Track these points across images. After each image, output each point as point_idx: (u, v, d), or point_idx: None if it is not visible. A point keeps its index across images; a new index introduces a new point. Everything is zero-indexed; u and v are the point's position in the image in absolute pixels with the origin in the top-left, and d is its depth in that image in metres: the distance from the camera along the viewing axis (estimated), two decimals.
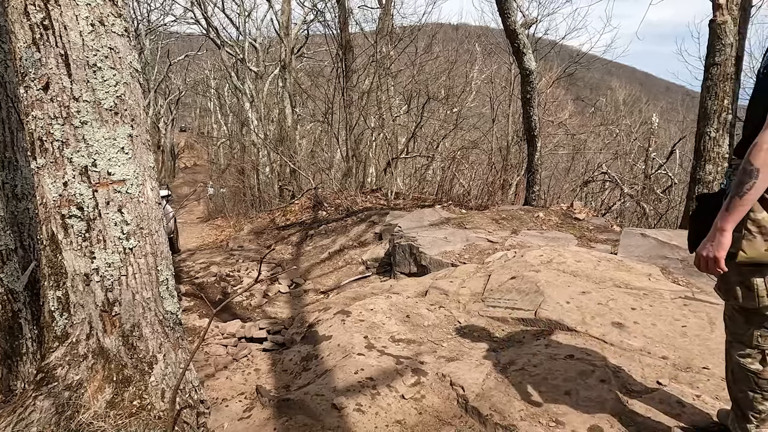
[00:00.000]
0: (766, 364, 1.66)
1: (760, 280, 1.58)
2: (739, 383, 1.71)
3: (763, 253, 1.52)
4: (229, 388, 3.08)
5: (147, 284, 1.65)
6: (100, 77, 1.52)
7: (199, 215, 21.05)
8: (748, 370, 1.67)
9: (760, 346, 1.66)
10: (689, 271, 3.74)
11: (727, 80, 5.63)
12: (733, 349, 1.74)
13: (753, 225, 1.52)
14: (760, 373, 1.66)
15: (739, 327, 1.70)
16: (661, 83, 48.89)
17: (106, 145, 1.55)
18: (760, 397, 1.67)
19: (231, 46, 18.08)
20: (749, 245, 1.53)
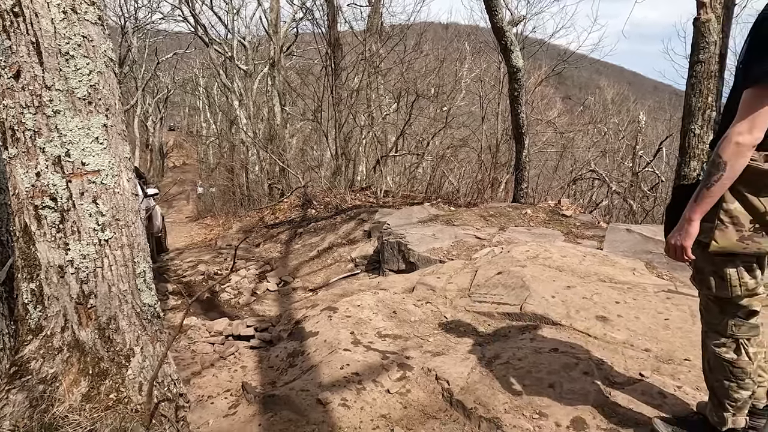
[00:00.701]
0: (740, 353, 1.68)
1: (733, 270, 1.61)
2: (715, 372, 1.73)
3: (735, 243, 1.55)
4: (216, 386, 3.06)
5: (123, 276, 1.63)
6: (72, 66, 1.50)
7: (189, 214, 20.93)
8: (723, 359, 1.70)
9: (734, 335, 1.68)
10: (673, 266, 3.77)
11: (711, 78, 5.69)
12: (708, 338, 1.76)
13: (725, 215, 1.54)
14: (735, 361, 1.68)
15: (713, 317, 1.73)
16: (649, 82, 49.39)
17: (79, 135, 1.53)
18: (736, 386, 1.68)
19: (219, 44, 17.97)
20: (721, 235, 1.55)
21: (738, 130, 1.45)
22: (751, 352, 1.68)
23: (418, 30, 14.07)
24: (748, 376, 1.67)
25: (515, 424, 2.12)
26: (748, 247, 1.54)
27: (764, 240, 1.53)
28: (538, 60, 14.55)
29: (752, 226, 1.52)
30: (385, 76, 12.98)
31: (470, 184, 9.53)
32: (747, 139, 1.44)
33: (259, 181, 15.23)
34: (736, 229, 1.53)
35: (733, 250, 1.56)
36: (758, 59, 1.45)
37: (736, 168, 1.47)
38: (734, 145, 1.45)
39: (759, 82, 1.44)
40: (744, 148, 1.45)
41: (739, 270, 1.61)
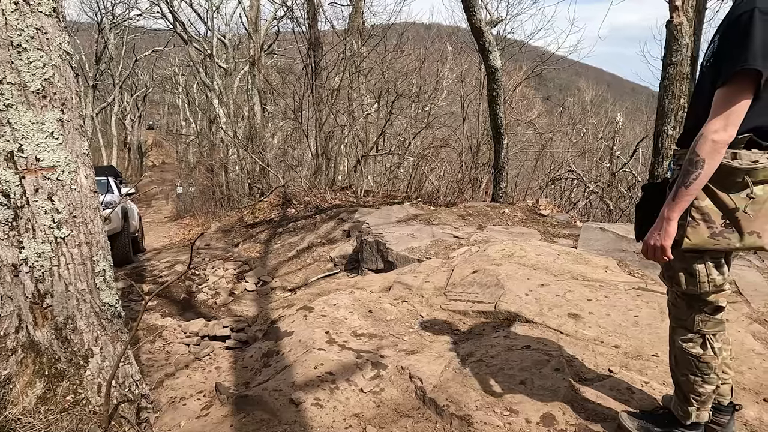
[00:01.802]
0: (706, 348, 1.70)
1: (701, 266, 1.63)
2: (681, 367, 1.76)
3: (707, 240, 1.56)
4: (189, 387, 3.01)
5: (81, 275, 1.58)
6: (25, 58, 1.45)
7: (168, 214, 20.65)
8: (690, 354, 1.72)
9: (701, 331, 1.70)
10: (644, 263, 3.83)
11: (684, 79, 5.80)
12: (676, 334, 1.78)
13: (697, 212, 1.56)
14: (701, 356, 1.70)
15: (681, 312, 1.75)
16: (627, 84, 50.32)
17: (33, 130, 1.48)
18: (701, 380, 1.71)
19: (199, 41, 17.77)
20: (693, 232, 1.57)
21: (713, 128, 1.47)
22: (716, 347, 1.71)
23: (399, 30, 14.11)
24: (713, 370, 1.70)
25: (486, 421, 2.12)
26: (719, 243, 1.56)
27: (733, 236, 1.55)
28: (518, 61, 14.68)
29: (723, 222, 1.55)
30: (366, 75, 12.96)
31: (450, 184, 9.56)
32: (722, 137, 1.46)
33: (239, 180, 15.09)
34: (707, 226, 1.56)
35: (704, 246, 1.58)
36: (728, 58, 1.47)
37: (713, 165, 1.49)
38: (711, 143, 1.47)
39: (730, 81, 1.46)
40: (720, 146, 1.47)
41: (708, 266, 1.63)
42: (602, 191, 10.00)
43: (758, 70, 1.42)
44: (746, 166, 1.50)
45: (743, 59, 1.42)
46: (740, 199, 1.52)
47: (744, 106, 1.46)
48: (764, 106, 1.52)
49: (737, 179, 1.51)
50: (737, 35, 1.46)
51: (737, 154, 1.51)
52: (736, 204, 1.52)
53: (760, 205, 1.52)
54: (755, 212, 1.52)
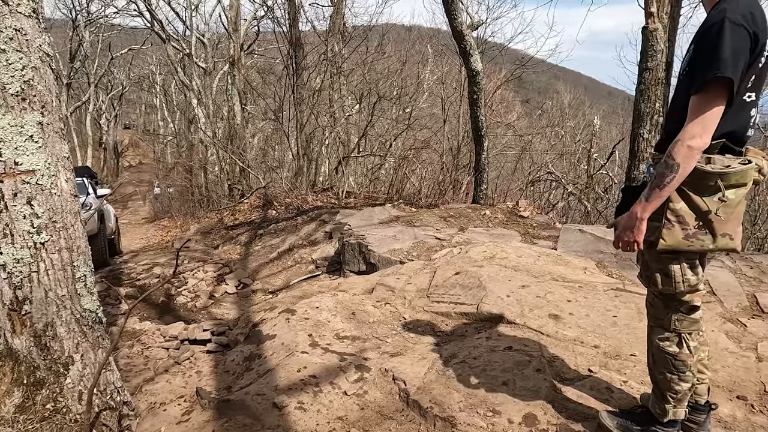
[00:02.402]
0: (683, 346, 1.75)
1: (677, 267, 1.69)
2: (659, 365, 1.81)
3: (681, 241, 1.62)
4: (169, 392, 2.96)
5: (62, 281, 1.55)
6: (4, 60, 1.41)
7: (145, 215, 20.29)
8: (666, 352, 1.77)
9: (677, 330, 1.75)
10: (622, 265, 3.92)
11: (659, 84, 5.95)
12: (653, 333, 1.83)
13: (672, 214, 1.61)
14: (677, 354, 1.75)
15: (659, 312, 1.80)
16: (604, 88, 51.29)
17: (12, 133, 1.44)
18: (677, 378, 1.76)
19: (177, 40, 17.51)
20: (669, 234, 1.62)
21: (689, 134, 1.53)
22: (692, 346, 1.75)
23: (381, 31, 14.14)
24: (689, 368, 1.75)
25: (469, 422, 2.14)
26: (693, 244, 1.62)
27: (707, 237, 1.60)
28: (498, 64, 14.83)
29: (696, 224, 1.60)
30: (347, 76, 12.95)
31: (432, 186, 9.62)
32: (698, 143, 1.52)
33: (219, 181, 14.90)
34: (681, 228, 1.61)
35: (679, 247, 1.63)
36: (701, 67, 1.52)
37: (687, 170, 1.55)
38: (686, 148, 1.53)
39: (704, 89, 1.52)
40: (695, 151, 1.53)
41: (683, 267, 1.68)
42: (580, 193, 10.18)
43: (729, 78, 1.48)
44: (719, 171, 1.56)
45: (715, 67, 1.48)
46: (713, 202, 1.58)
47: (717, 113, 1.52)
48: (735, 113, 1.58)
49: (710, 183, 1.57)
50: (709, 45, 1.52)
51: (711, 159, 1.58)
52: (708, 207, 1.58)
53: (732, 208, 1.58)
54: (727, 215, 1.58)
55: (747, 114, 1.62)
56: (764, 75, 1.60)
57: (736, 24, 1.49)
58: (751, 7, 1.53)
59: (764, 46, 1.55)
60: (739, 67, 1.49)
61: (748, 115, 1.63)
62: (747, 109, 1.61)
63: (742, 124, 1.62)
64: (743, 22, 1.49)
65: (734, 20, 1.49)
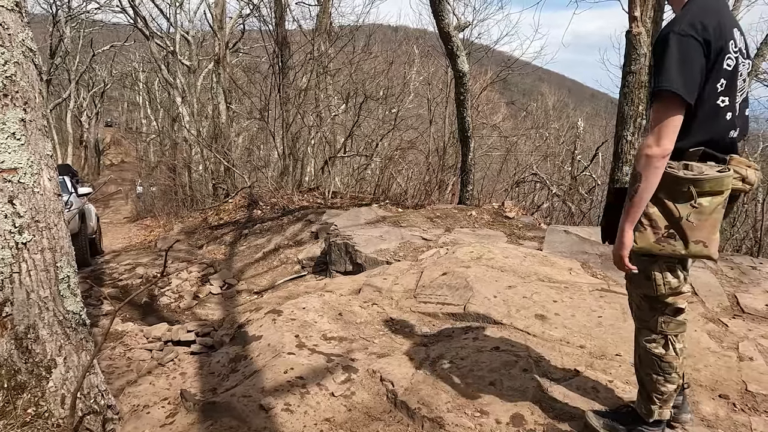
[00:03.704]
0: (669, 348, 1.78)
1: (657, 270, 1.72)
2: (645, 366, 1.84)
3: (652, 244, 1.65)
4: (152, 394, 2.92)
5: (44, 282, 1.51)
6: None
7: (127, 215, 19.98)
8: (653, 354, 1.80)
9: (664, 332, 1.78)
10: (606, 265, 3.96)
11: (642, 87, 6.03)
12: (640, 335, 1.86)
13: (645, 218, 1.65)
14: (663, 356, 1.78)
15: (645, 314, 1.83)
16: (588, 90, 51.98)
17: None
18: (663, 379, 1.79)
19: (161, 38, 17.26)
20: (640, 236, 1.66)
21: (647, 143, 1.56)
22: (678, 347, 1.78)
23: (367, 31, 14.12)
24: (675, 370, 1.78)
25: (457, 422, 2.15)
26: (664, 248, 1.65)
27: (678, 243, 1.63)
28: (483, 65, 14.91)
29: (666, 232, 1.63)
30: (333, 76, 12.91)
31: (418, 186, 9.63)
32: (655, 151, 1.55)
33: (203, 180, 14.73)
34: (653, 231, 1.64)
35: (651, 250, 1.66)
36: (656, 76, 1.56)
37: (651, 179, 1.58)
38: (645, 158, 1.57)
39: (655, 100, 1.56)
40: (653, 159, 1.55)
41: (662, 270, 1.72)
42: (564, 194, 10.29)
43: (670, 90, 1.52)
44: (691, 177, 1.59)
45: (661, 80, 1.53)
46: (685, 208, 1.61)
47: (673, 122, 1.54)
48: (710, 119, 1.62)
49: (683, 189, 1.60)
50: (657, 57, 1.57)
51: (688, 165, 1.60)
52: (680, 213, 1.61)
53: (706, 215, 1.61)
54: (700, 222, 1.61)
55: (723, 119, 1.64)
56: (736, 78, 1.63)
57: (682, 35, 1.53)
58: (702, 16, 1.56)
59: (721, 50, 1.56)
60: (689, 76, 1.52)
61: (724, 119, 1.64)
62: (722, 113, 1.63)
63: (718, 130, 1.64)
64: (691, 31, 1.53)
65: (680, 31, 1.53)
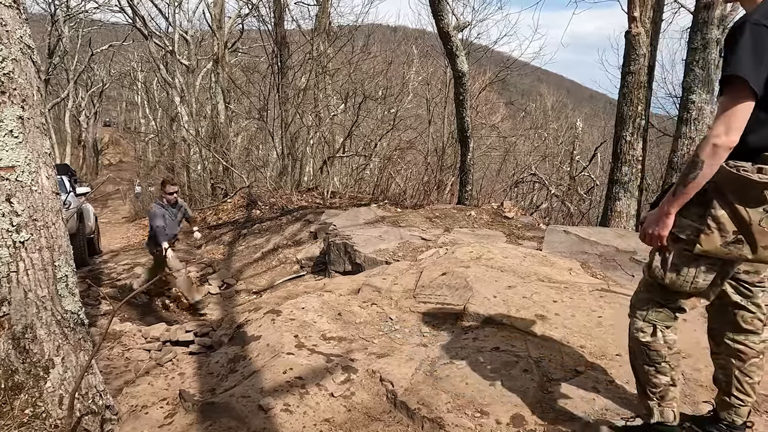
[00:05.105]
0: (656, 335, 1.77)
1: (693, 267, 1.67)
2: (636, 357, 1.84)
3: (718, 248, 1.59)
4: (151, 394, 2.91)
5: (42, 281, 1.50)
6: None
7: (125, 215, 19.95)
8: (640, 341, 1.79)
9: (652, 321, 1.77)
10: (606, 266, 3.97)
11: (641, 88, 6.04)
12: (631, 326, 1.85)
13: (712, 221, 1.59)
14: (650, 344, 1.77)
15: (641, 301, 1.82)
16: (586, 91, 52.01)
17: None
18: (653, 370, 1.78)
19: (160, 37, 17.26)
20: (706, 239, 1.59)
21: (715, 132, 1.52)
22: (668, 338, 1.76)
23: (366, 31, 14.12)
24: (664, 359, 1.76)
25: (457, 423, 2.14)
26: (731, 252, 1.59)
27: (745, 248, 1.57)
28: (483, 66, 14.91)
29: (735, 234, 1.57)
30: (332, 76, 12.90)
31: (417, 186, 9.64)
32: (723, 141, 1.50)
33: (202, 180, 14.73)
34: (720, 235, 1.58)
35: (716, 254, 1.60)
36: (726, 66, 1.53)
37: (712, 168, 1.54)
38: (711, 146, 1.52)
39: (724, 88, 1.52)
40: (720, 150, 1.51)
41: (699, 269, 1.66)
42: (563, 194, 10.30)
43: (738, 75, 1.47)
44: (765, 181, 1.52)
45: (731, 67, 1.49)
46: (756, 213, 1.55)
47: (742, 111, 1.50)
48: None
49: (755, 193, 1.54)
50: (729, 45, 1.53)
51: (763, 169, 1.54)
52: (751, 218, 1.55)
53: None
54: None
55: None
56: None
57: (756, 24, 1.49)
58: None
59: None
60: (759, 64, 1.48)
61: None
62: None
63: None
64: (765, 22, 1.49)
65: (755, 21, 1.49)
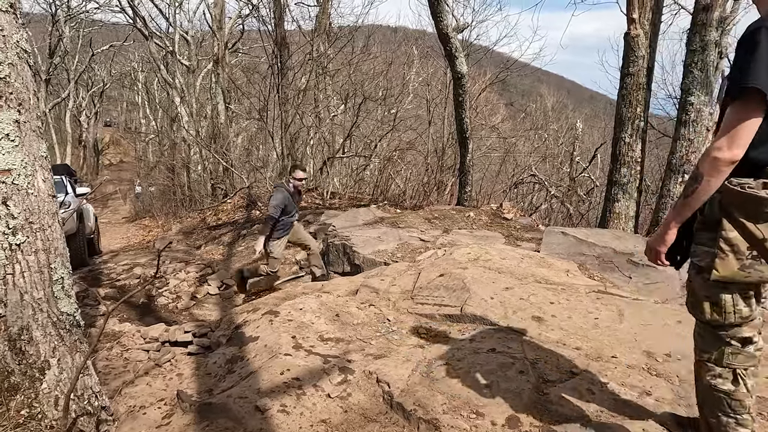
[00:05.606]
0: (738, 384, 1.56)
1: (728, 296, 1.55)
2: (710, 407, 1.61)
3: (736, 272, 1.49)
4: (149, 395, 2.91)
5: (38, 283, 1.51)
6: None
7: (125, 215, 19.98)
8: (719, 391, 1.58)
9: (732, 365, 1.57)
10: (603, 267, 3.97)
11: (640, 89, 6.04)
12: (702, 370, 1.64)
13: (725, 243, 1.49)
14: (732, 393, 1.56)
15: (708, 345, 1.62)
16: (587, 92, 51.99)
17: None
18: (734, 422, 1.57)
19: (160, 37, 17.27)
20: (722, 264, 1.50)
21: (717, 145, 1.44)
22: (749, 383, 1.57)
23: (367, 32, 14.14)
24: (747, 410, 1.57)
25: (453, 424, 2.14)
26: (750, 275, 1.49)
27: (765, 267, 1.48)
28: (483, 67, 14.92)
29: (749, 254, 1.48)
30: (332, 77, 12.91)
31: (416, 187, 9.65)
32: (725, 155, 1.43)
33: (202, 181, 14.74)
34: (736, 258, 1.49)
35: (735, 278, 1.50)
36: (736, 75, 1.44)
37: (713, 183, 1.46)
38: (712, 160, 1.44)
39: (736, 100, 1.43)
40: (721, 163, 1.44)
41: (735, 296, 1.54)
42: (563, 195, 10.30)
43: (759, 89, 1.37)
44: None
45: (747, 78, 1.39)
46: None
47: (750, 126, 1.41)
48: None
49: (765, 209, 1.45)
50: (744, 53, 1.43)
51: None
52: (764, 235, 1.45)
53: None
54: None
55: None
56: None
57: None
58: None
59: None
60: None
61: None
62: None
63: None
64: None
65: None
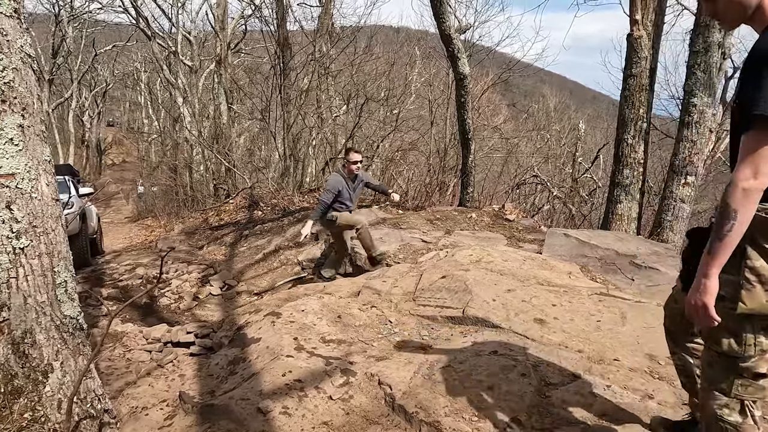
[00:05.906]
0: (746, 415, 1.51)
1: (750, 327, 1.47)
2: None
3: (764, 304, 1.40)
4: (151, 396, 2.92)
5: (41, 287, 1.52)
6: None
7: (128, 215, 20.05)
8: (726, 422, 1.52)
9: (740, 396, 1.51)
10: (606, 269, 3.97)
11: (643, 91, 6.03)
12: (709, 398, 1.57)
13: (751, 274, 1.40)
14: (739, 425, 1.51)
15: (718, 375, 1.55)
16: (589, 92, 51.91)
17: None
18: None
19: (163, 38, 17.30)
20: (749, 296, 1.41)
21: (742, 176, 1.35)
22: (757, 415, 1.52)
23: (369, 33, 14.15)
24: None
25: (455, 427, 2.15)
26: None
27: None
28: (485, 67, 14.92)
29: None
30: (335, 77, 12.92)
31: (418, 188, 9.65)
32: (753, 184, 1.34)
33: (204, 181, 14.77)
34: (764, 288, 1.39)
35: (762, 311, 1.41)
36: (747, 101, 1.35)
37: (747, 214, 1.36)
38: (741, 192, 1.35)
39: (751, 126, 1.35)
40: (752, 193, 1.35)
41: (756, 328, 1.47)
42: (565, 196, 10.29)
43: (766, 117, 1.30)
44: None
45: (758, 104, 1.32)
46: None
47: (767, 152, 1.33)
48: None
49: None
50: (752, 75, 1.36)
51: None
52: None
53: None
54: None
55: None
56: None
57: None
58: None
59: None
60: None
61: None
62: None
63: None
64: None
65: None
